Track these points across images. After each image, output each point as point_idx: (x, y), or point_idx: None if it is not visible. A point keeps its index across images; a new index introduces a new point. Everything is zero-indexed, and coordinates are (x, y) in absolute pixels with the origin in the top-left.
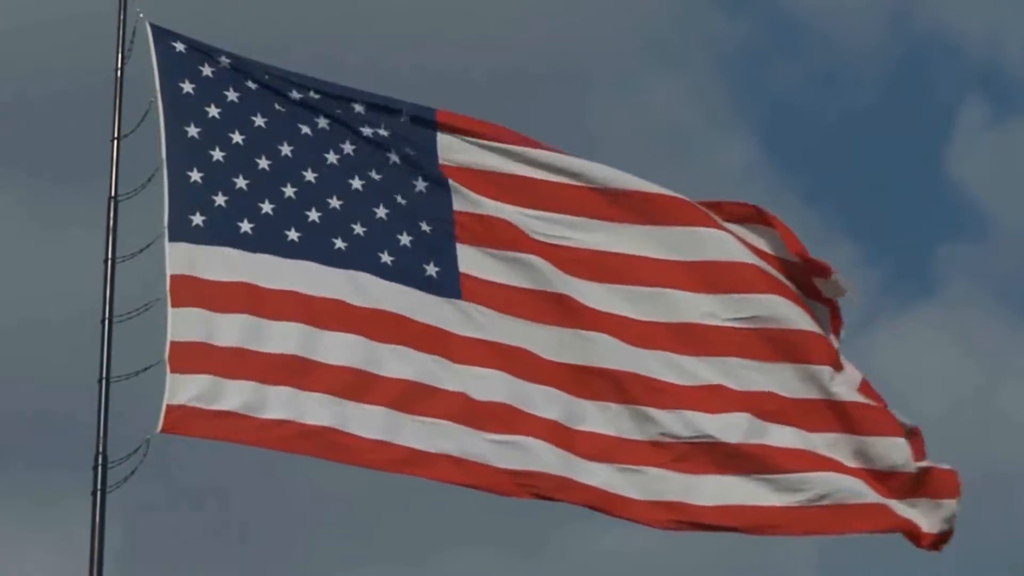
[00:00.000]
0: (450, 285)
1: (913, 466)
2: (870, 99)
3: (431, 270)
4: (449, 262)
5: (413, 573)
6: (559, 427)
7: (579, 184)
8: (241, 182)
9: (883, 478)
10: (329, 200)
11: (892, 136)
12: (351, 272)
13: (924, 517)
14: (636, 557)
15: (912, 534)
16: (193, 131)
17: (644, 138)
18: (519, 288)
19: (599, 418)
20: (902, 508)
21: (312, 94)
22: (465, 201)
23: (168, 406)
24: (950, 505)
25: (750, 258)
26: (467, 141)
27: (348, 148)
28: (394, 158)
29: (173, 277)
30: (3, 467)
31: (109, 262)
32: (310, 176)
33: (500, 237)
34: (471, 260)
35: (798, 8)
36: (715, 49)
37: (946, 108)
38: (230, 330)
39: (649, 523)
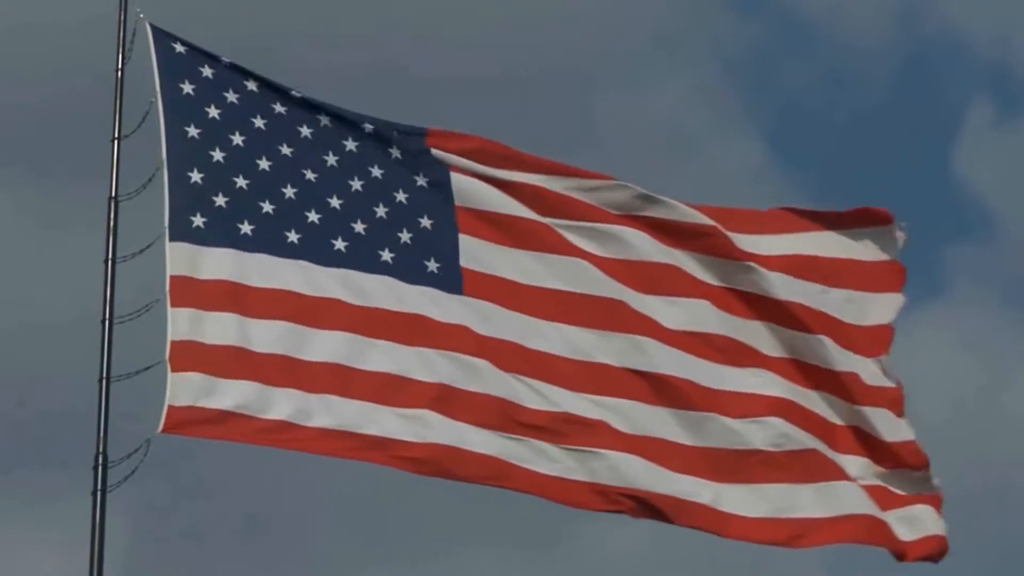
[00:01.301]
0: (452, 281)
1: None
2: (878, 99)
3: (432, 267)
4: (451, 257)
5: (421, 572)
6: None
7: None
8: (241, 182)
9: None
10: (329, 200)
11: (900, 136)
12: (351, 272)
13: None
14: (645, 557)
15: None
16: (193, 132)
17: (651, 138)
18: (521, 284)
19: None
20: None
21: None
22: (466, 196)
23: (169, 406)
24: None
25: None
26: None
27: (350, 146)
28: (395, 153)
29: (173, 278)
30: (4, 467)
31: (109, 262)
32: (310, 176)
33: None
34: (473, 253)
35: (806, 8)
36: (723, 49)
37: (954, 108)
38: (231, 330)
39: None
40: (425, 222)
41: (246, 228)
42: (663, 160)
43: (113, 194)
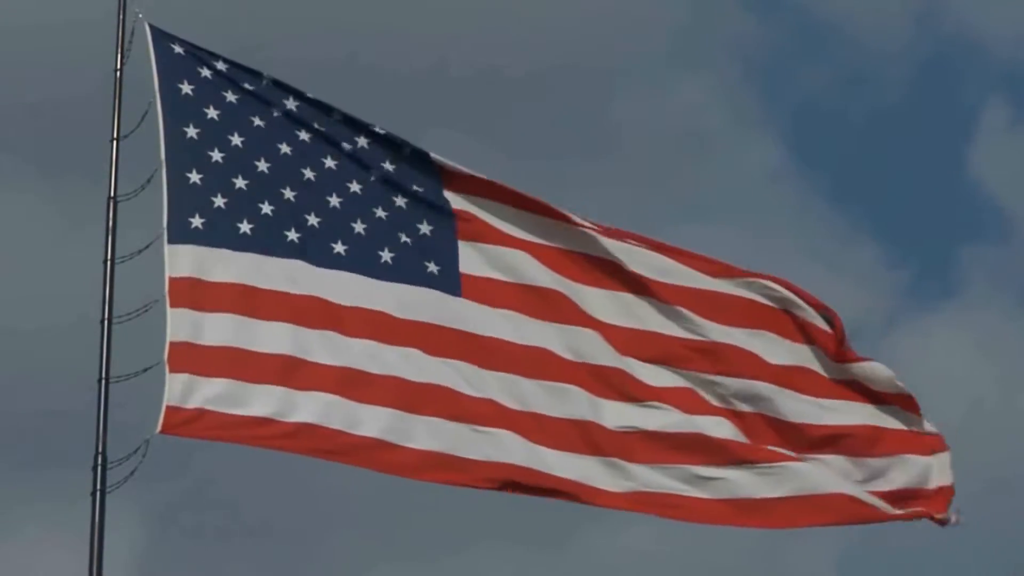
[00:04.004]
0: (451, 283)
1: None
2: (895, 100)
3: (432, 268)
4: (450, 261)
5: (430, 571)
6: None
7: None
8: (240, 183)
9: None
10: (329, 200)
11: (916, 137)
12: (350, 274)
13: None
14: (655, 555)
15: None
16: (192, 132)
17: (670, 139)
18: (519, 284)
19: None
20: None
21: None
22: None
23: (167, 407)
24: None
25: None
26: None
27: (347, 148)
28: (388, 166)
29: (172, 278)
30: (3, 467)
31: (108, 262)
32: (309, 176)
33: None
34: (472, 258)
35: (824, 9)
36: (741, 50)
37: (970, 110)
38: (230, 331)
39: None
40: (424, 227)
41: (245, 228)
42: (681, 160)
43: (112, 194)
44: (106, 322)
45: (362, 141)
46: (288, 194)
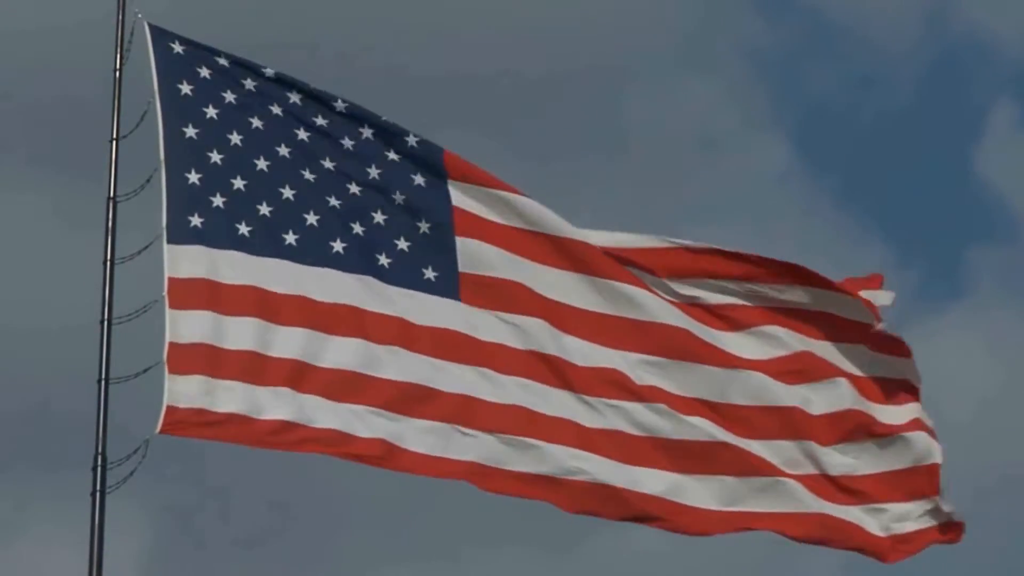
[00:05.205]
0: (449, 286)
1: None
2: (904, 101)
3: (429, 273)
4: (448, 261)
5: (440, 572)
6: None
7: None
8: (239, 183)
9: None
10: (328, 200)
11: (925, 138)
12: (351, 275)
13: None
14: (664, 558)
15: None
16: (191, 132)
17: (679, 139)
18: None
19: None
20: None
21: (305, 98)
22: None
23: (167, 407)
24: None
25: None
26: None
27: (348, 145)
28: (392, 156)
29: (171, 279)
30: (3, 467)
31: (108, 263)
32: (309, 176)
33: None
34: (471, 256)
35: (833, 10)
36: (750, 51)
37: (978, 110)
38: (230, 332)
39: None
40: (423, 225)
41: (244, 229)
42: (690, 161)
43: (112, 194)
44: (106, 322)
45: (362, 136)
46: (287, 194)
